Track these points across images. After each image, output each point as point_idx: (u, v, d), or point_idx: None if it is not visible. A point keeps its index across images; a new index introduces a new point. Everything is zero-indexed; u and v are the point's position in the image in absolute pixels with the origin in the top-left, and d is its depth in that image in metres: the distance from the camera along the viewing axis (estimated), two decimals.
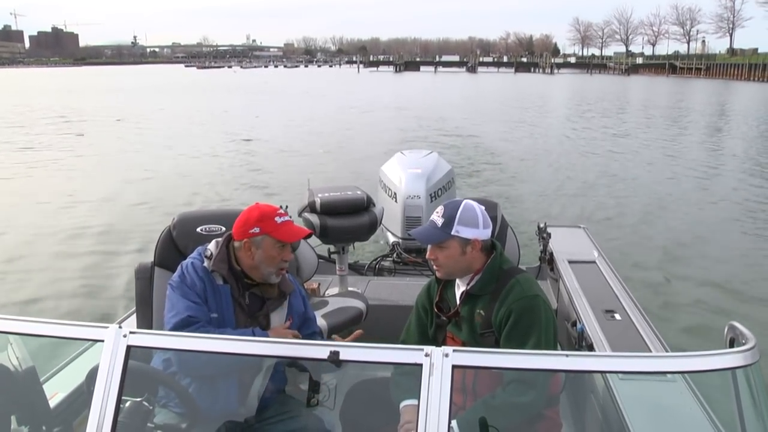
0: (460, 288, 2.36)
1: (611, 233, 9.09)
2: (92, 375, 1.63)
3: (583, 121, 28.47)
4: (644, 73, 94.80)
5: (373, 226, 4.14)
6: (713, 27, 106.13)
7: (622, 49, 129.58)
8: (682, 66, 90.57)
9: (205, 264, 2.37)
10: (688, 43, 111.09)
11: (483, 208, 2.36)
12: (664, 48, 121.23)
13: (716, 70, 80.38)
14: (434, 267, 2.35)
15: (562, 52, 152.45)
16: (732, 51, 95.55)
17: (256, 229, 2.31)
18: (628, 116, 30.81)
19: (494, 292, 2.26)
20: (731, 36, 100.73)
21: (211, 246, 2.42)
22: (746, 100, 44.20)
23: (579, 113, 32.48)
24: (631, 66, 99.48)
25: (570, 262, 3.95)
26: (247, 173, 14.41)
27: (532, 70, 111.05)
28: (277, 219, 2.33)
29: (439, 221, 2.28)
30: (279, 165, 15.50)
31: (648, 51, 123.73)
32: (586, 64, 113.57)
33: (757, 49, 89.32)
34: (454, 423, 1.83)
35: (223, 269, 2.35)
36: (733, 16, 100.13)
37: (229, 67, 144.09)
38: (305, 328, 2.56)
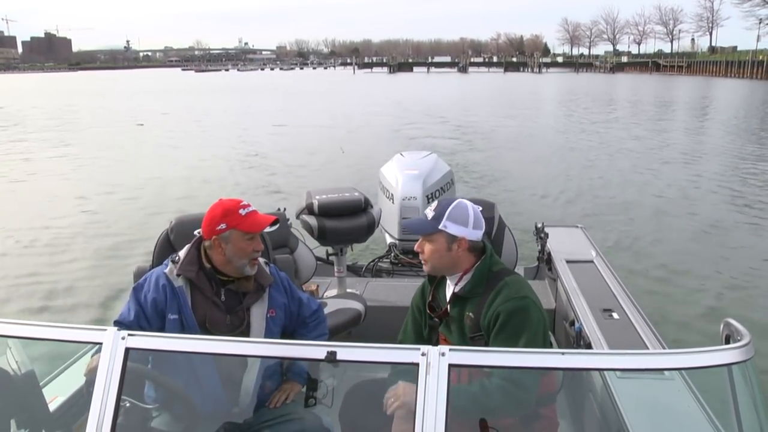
0: (450, 289, 2.35)
1: (609, 233, 9.12)
2: (91, 378, 1.63)
3: (572, 117, 29.11)
4: (629, 71, 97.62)
5: (371, 227, 4.14)
6: (694, 26, 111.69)
7: (610, 48, 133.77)
8: (665, 64, 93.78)
9: (169, 268, 2.38)
10: (671, 41, 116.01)
11: (479, 209, 2.34)
12: (651, 46, 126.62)
13: (697, 67, 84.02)
14: (422, 260, 2.36)
15: (552, 52, 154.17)
16: (712, 49, 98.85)
17: (223, 225, 2.31)
18: (616, 113, 31.31)
19: (484, 295, 2.24)
20: (711, 35, 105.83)
21: (183, 251, 2.43)
22: (725, 94, 45.85)
23: (567, 110, 33.38)
24: (616, 64, 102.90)
25: (568, 261, 3.96)
26: (263, 176, 14.43)
27: (521, 69, 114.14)
28: (242, 211, 2.33)
29: (430, 214, 2.28)
30: (302, 164, 15.86)
31: (634, 50, 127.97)
32: (573, 63, 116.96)
33: (736, 47, 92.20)
34: None
35: (191, 271, 2.36)
36: (712, 16, 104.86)
37: (226, 70, 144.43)
38: (301, 313, 2.56)
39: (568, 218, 9.64)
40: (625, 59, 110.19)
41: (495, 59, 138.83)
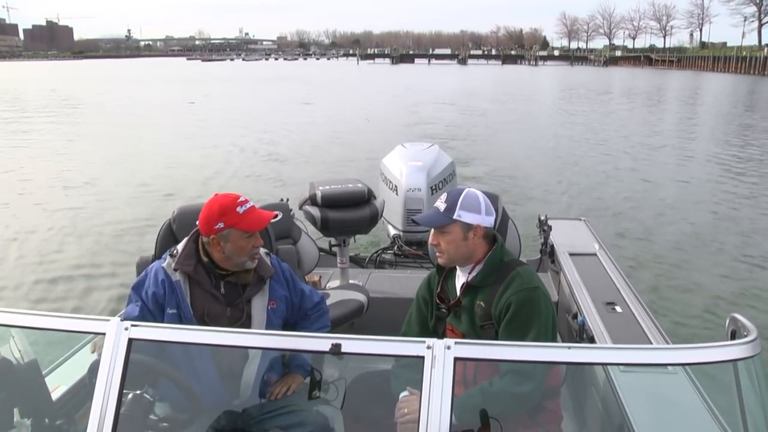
0: (460, 279, 2.36)
1: (612, 226, 9.12)
2: (94, 368, 1.63)
3: (569, 109, 29.72)
4: (623, 65, 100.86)
5: (374, 218, 4.14)
6: (685, 22, 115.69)
7: (607, 42, 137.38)
8: (657, 58, 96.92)
9: (167, 262, 2.36)
10: (664, 37, 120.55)
11: (486, 196, 2.37)
12: (645, 41, 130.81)
13: (687, 62, 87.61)
14: (436, 253, 2.36)
15: (550, 45, 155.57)
16: (702, 44, 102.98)
17: (221, 224, 2.26)
18: (611, 105, 31.88)
19: (495, 284, 2.26)
20: (701, 30, 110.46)
21: (180, 244, 2.41)
22: (712, 87, 48.57)
23: (564, 102, 34.17)
24: (609, 58, 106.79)
25: (571, 254, 3.95)
26: (269, 166, 14.56)
27: (519, 62, 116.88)
28: (239, 209, 2.28)
29: (442, 206, 2.29)
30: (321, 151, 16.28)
31: (630, 44, 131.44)
32: (568, 57, 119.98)
33: (725, 43, 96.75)
34: None
35: (188, 265, 2.33)
36: (702, 13, 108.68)
37: (231, 60, 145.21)
38: (303, 305, 2.54)
39: (572, 211, 9.64)
40: (619, 53, 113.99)
41: (494, 52, 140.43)
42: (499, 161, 15.01)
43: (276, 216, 2.40)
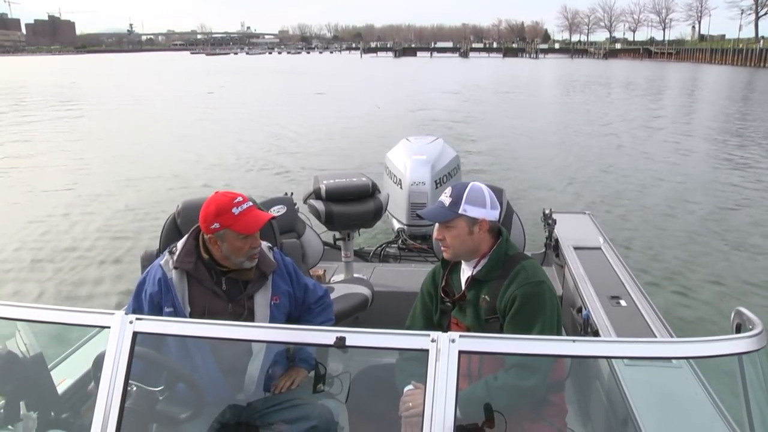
0: (465, 273, 2.35)
1: (617, 219, 9.10)
2: (99, 361, 1.63)
3: (572, 100, 30.14)
4: (622, 58, 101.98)
5: (379, 212, 4.14)
6: (684, 15, 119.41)
7: (607, 35, 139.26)
8: (656, 51, 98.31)
9: (164, 260, 2.36)
10: (664, 29, 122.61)
11: (490, 190, 2.36)
12: (645, 34, 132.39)
13: (685, 54, 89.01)
14: (441, 248, 2.36)
15: (552, 38, 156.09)
16: (701, 37, 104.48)
17: (216, 224, 2.25)
18: (613, 98, 32.01)
19: (500, 278, 2.25)
20: (700, 23, 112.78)
21: (181, 241, 2.40)
22: (711, 79, 49.45)
23: (565, 93, 34.81)
24: (609, 51, 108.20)
25: (575, 248, 3.95)
26: (275, 160, 14.53)
27: (519, 55, 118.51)
28: (235, 210, 2.25)
29: (447, 201, 2.28)
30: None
31: (630, 37, 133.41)
32: (569, 50, 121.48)
33: (724, 35, 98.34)
34: None
35: (188, 263, 2.32)
36: (701, 6, 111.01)
37: (235, 53, 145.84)
38: (307, 299, 2.53)
39: (576, 204, 9.63)
40: (619, 46, 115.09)
41: (495, 45, 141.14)
42: (502, 154, 14.98)
43: (273, 217, 2.40)
